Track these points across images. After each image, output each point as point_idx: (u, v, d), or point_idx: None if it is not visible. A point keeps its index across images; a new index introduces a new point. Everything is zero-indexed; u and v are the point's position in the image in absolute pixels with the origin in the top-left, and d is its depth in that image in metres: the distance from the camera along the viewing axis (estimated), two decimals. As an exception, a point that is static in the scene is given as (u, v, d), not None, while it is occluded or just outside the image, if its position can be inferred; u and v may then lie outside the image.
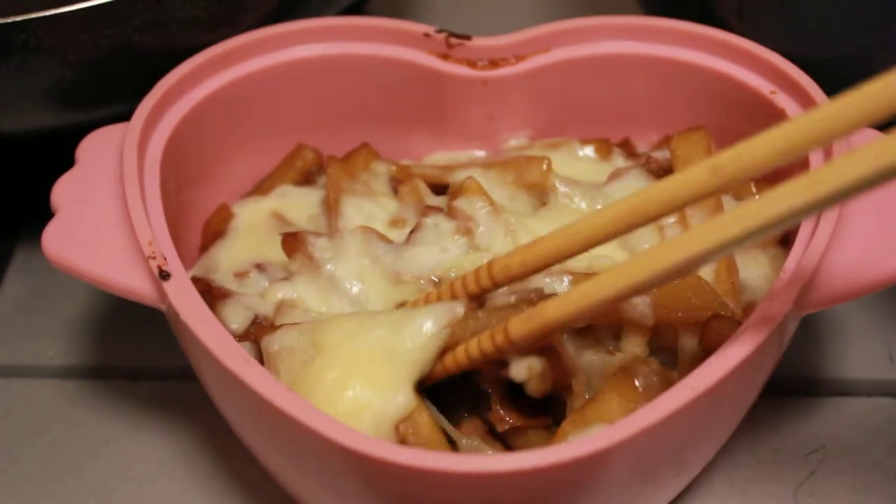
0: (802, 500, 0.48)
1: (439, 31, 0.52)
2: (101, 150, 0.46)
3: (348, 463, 0.34)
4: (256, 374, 0.36)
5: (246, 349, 0.43)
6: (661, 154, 0.49)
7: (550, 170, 0.48)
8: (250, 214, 0.51)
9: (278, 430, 0.37)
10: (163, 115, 0.48)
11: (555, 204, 0.47)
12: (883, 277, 0.39)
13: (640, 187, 0.47)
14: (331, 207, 0.49)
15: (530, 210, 0.49)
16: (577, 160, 0.52)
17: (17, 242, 0.62)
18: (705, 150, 0.46)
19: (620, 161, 0.52)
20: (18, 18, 0.46)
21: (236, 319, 0.44)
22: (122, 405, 0.53)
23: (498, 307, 0.41)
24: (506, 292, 0.42)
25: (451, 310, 0.40)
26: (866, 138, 0.35)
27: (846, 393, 0.52)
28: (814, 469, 0.49)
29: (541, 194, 0.48)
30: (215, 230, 0.51)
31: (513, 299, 0.41)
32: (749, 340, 0.36)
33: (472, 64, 0.52)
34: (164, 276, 0.40)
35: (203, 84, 0.50)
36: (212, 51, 0.50)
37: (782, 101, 0.47)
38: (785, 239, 0.47)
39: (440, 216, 0.46)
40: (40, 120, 0.53)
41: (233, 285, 0.47)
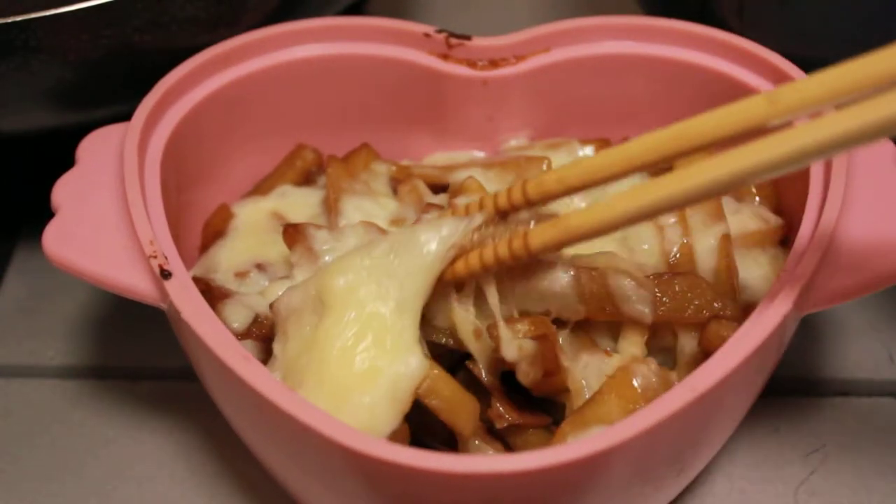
0: (802, 500, 0.48)
1: (439, 31, 0.52)
2: (101, 149, 0.46)
3: (348, 462, 0.35)
4: (256, 373, 0.36)
5: (248, 347, 0.44)
6: (661, 154, 0.49)
7: (550, 170, 0.48)
8: (250, 214, 0.51)
9: (278, 428, 0.37)
10: (163, 115, 0.48)
11: (555, 205, 0.47)
12: (883, 277, 0.39)
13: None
14: (331, 207, 0.49)
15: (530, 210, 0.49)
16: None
17: (17, 242, 0.62)
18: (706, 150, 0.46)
19: (620, 161, 0.52)
20: (18, 18, 0.46)
21: (237, 319, 0.44)
22: (122, 405, 0.53)
23: (519, 220, 0.40)
24: (525, 217, 0.41)
25: (456, 223, 0.40)
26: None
27: (846, 393, 0.52)
28: (814, 469, 0.49)
29: (540, 194, 0.48)
30: (215, 230, 0.51)
31: (533, 221, 0.40)
32: (749, 341, 0.36)
33: (472, 64, 0.52)
34: (166, 275, 0.40)
35: (203, 84, 0.50)
36: (212, 51, 0.50)
37: (782, 101, 0.47)
38: (785, 239, 0.47)
39: (439, 213, 0.46)
40: (40, 120, 0.53)
41: (233, 285, 0.47)
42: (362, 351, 0.38)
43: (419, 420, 0.40)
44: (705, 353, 0.41)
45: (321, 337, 0.39)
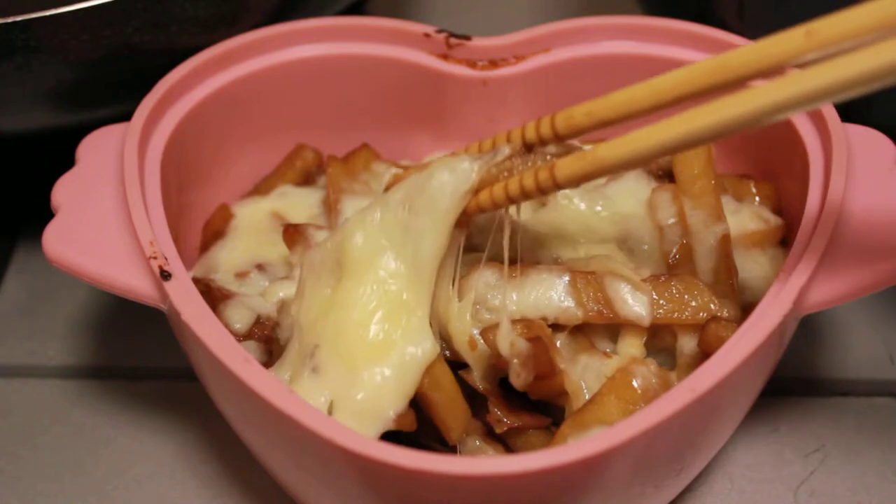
0: (802, 500, 0.48)
1: (439, 32, 0.52)
2: (101, 149, 0.46)
3: (348, 464, 0.35)
4: (257, 374, 0.36)
5: (250, 349, 0.44)
6: (661, 154, 0.49)
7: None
8: (250, 214, 0.51)
9: (278, 430, 0.37)
10: (163, 114, 0.48)
11: (554, 205, 0.47)
12: (882, 278, 0.39)
13: (639, 189, 0.47)
14: (331, 207, 0.49)
15: (530, 211, 0.48)
16: (576, 160, 0.52)
17: (17, 242, 0.62)
18: (705, 151, 0.46)
19: (620, 161, 0.52)
20: (18, 18, 0.46)
21: (239, 320, 0.44)
22: (122, 405, 0.53)
23: (546, 153, 0.40)
24: (553, 151, 0.40)
25: (471, 162, 0.39)
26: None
27: (846, 393, 0.52)
28: (814, 469, 0.49)
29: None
30: (215, 230, 0.51)
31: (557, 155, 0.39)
32: (748, 341, 0.36)
33: (472, 64, 0.52)
34: (166, 276, 0.40)
35: (203, 84, 0.50)
36: (212, 51, 0.50)
37: (782, 101, 0.47)
38: (785, 239, 0.47)
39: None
40: (40, 120, 0.53)
41: (233, 286, 0.47)
42: (378, 321, 0.39)
43: (418, 418, 0.40)
44: (705, 353, 0.41)
45: (339, 302, 0.39)
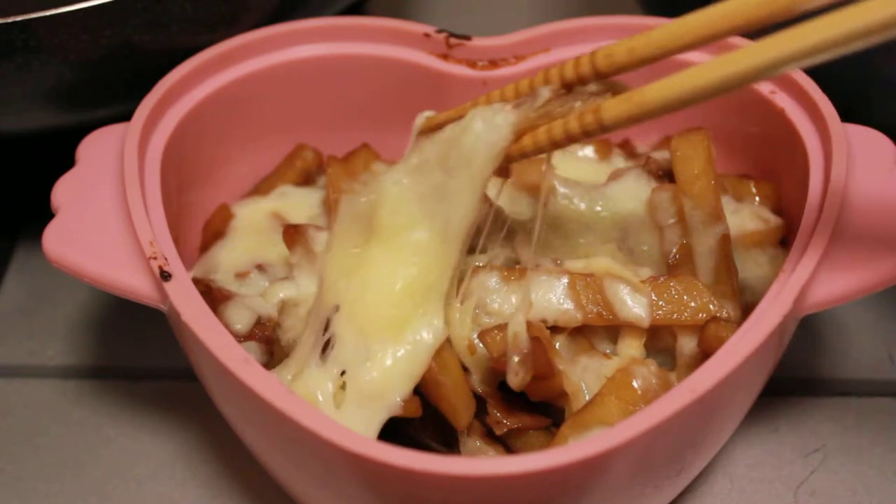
0: (802, 500, 0.48)
1: (439, 32, 0.52)
2: (101, 150, 0.46)
3: (348, 465, 0.35)
4: (257, 375, 0.36)
5: (251, 349, 0.43)
6: (661, 154, 0.49)
7: (550, 171, 0.48)
8: (250, 214, 0.51)
9: (278, 431, 0.37)
10: (163, 114, 0.48)
11: (554, 205, 0.47)
12: (883, 277, 0.39)
13: (639, 189, 0.47)
14: (331, 208, 0.49)
15: (530, 212, 0.48)
16: (576, 160, 0.52)
17: (17, 242, 0.62)
18: (705, 150, 0.46)
19: (620, 161, 0.52)
20: (18, 18, 0.46)
21: (240, 320, 0.44)
22: (122, 405, 0.53)
23: (587, 92, 0.38)
24: (594, 90, 0.38)
25: (506, 116, 0.39)
26: None
27: (846, 393, 0.52)
28: (814, 469, 0.49)
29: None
30: (215, 230, 0.51)
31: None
32: (748, 342, 0.36)
33: (472, 64, 0.52)
34: (166, 276, 0.40)
35: (203, 84, 0.50)
36: (212, 51, 0.50)
37: (782, 100, 0.47)
38: (784, 239, 0.47)
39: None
40: (40, 120, 0.53)
41: (233, 286, 0.47)
42: (398, 294, 0.39)
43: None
44: (705, 354, 0.41)
45: (365, 264, 0.40)
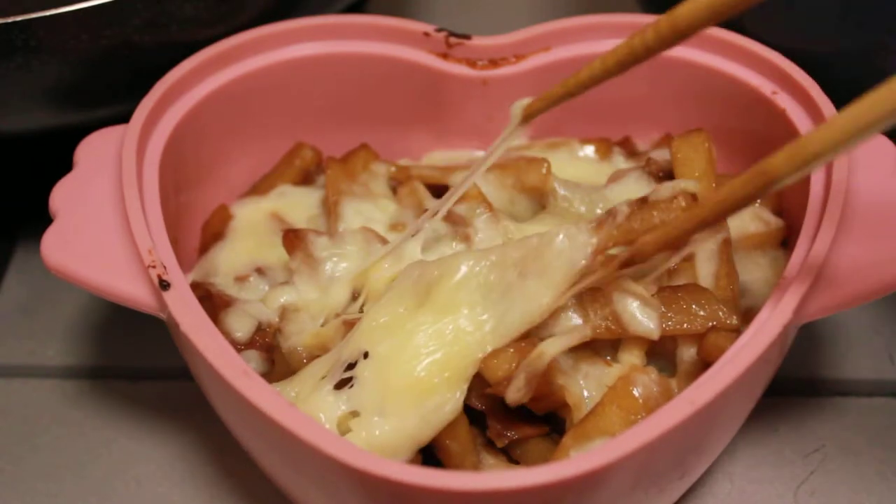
0: (802, 500, 0.48)
1: (439, 31, 0.52)
2: (99, 152, 0.46)
3: (349, 479, 0.34)
4: (257, 388, 0.35)
5: (251, 357, 0.43)
6: (661, 154, 0.49)
7: (550, 173, 0.48)
8: (249, 215, 0.51)
9: (278, 443, 0.36)
10: (162, 114, 0.48)
11: (554, 207, 0.47)
12: (884, 284, 0.38)
13: (639, 190, 0.46)
14: (330, 210, 0.49)
15: (530, 213, 0.48)
16: (577, 160, 0.52)
17: (16, 242, 0.62)
18: (706, 152, 0.46)
19: (621, 161, 0.52)
20: (18, 18, 0.46)
21: (240, 328, 0.44)
22: (122, 405, 0.53)
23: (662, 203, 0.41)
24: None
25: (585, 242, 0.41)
26: None
27: (846, 393, 0.52)
28: (814, 469, 0.49)
29: (540, 197, 0.48)
30: (214, 231, 0.51)
31: None
32: (748, 352, 0.35)
33: (471, 63, 0.52)
34: (165, 285, 0.39)
35: (202, 83, 0.50)
36: (211, 50, 0.50)
37: (783, 101, 0.47)
38: (785, 241, 0.47)
39: (439, 222, 0.46)
40: (40, 120, 0.53)
41: (233, 290, 0.47)
42: (432, 363, 0.39)
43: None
44: (705, 362, 0.40)
45: (408, 328, 0.40)
